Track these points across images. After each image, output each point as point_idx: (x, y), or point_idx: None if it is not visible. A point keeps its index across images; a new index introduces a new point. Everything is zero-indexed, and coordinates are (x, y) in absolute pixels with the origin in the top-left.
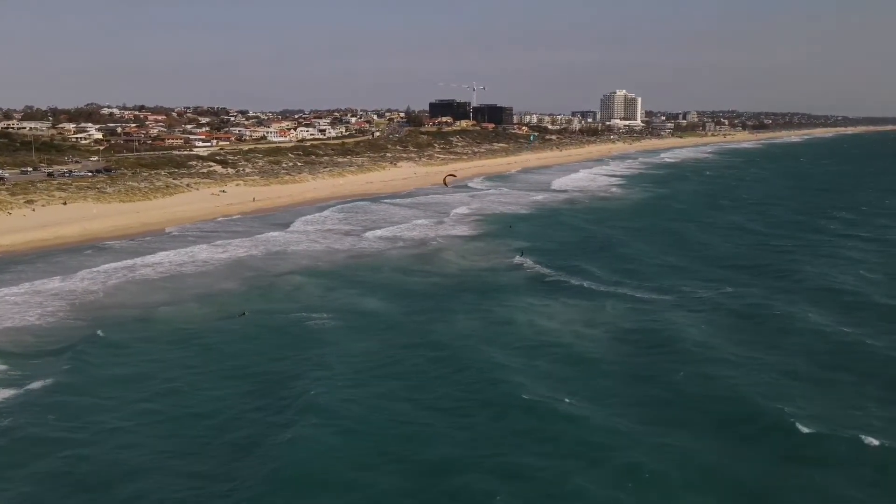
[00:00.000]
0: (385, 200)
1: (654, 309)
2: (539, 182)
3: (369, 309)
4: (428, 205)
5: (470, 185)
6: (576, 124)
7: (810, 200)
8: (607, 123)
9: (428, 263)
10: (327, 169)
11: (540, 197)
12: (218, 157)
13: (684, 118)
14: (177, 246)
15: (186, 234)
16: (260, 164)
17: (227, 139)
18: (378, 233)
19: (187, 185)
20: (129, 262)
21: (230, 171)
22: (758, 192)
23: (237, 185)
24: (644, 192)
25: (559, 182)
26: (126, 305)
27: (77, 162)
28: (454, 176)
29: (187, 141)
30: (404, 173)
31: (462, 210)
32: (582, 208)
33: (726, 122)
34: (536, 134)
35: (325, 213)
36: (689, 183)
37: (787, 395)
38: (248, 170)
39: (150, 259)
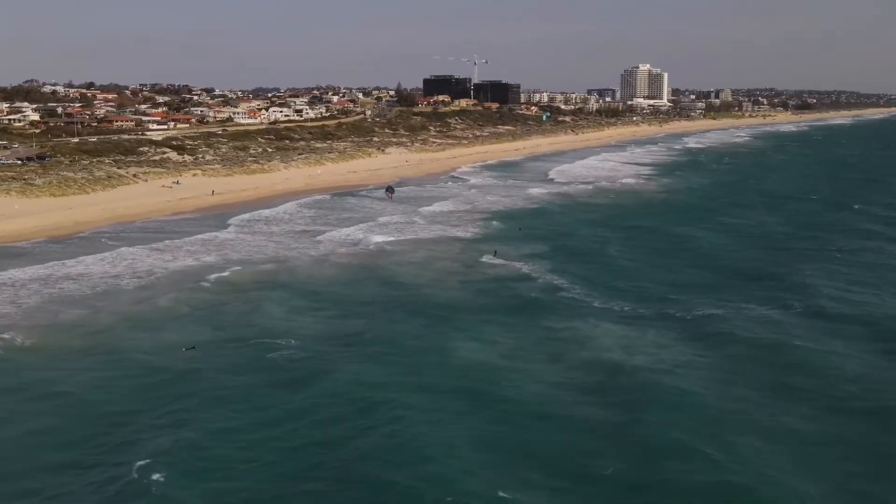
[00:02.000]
0: (367, 193)
1: (637, 341)
2: (553, 171)
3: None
4: (418, 199)
5: (467, 176)
6: (592, 104)
7: (858, 195)
8: (629, 103)
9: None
10: (303, 156)
11: (553, 189)
12: (174, 143)
13: (717, 97)
14: (113, 251)
15: (127, 235)
16: (223, 150)
17: (187, 121)
18: (345, 232)
19: (134, 175)
20: (47, 271)
21: (187, 158)
22: (803, 184)
23: (194, 175)
24: (675, 183)
25: (577, 171)
26: (25, 332)
27: (6, 148)
28: (391, 192)
29: (139, 123)
30: (394, 161)
31: (446, 206)
32: (605, 204)
33: (765, 102)
34: (549, 113)
35: (294, 208)
36: (721, 174)
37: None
38: (208, 157)
39: (75, 268)
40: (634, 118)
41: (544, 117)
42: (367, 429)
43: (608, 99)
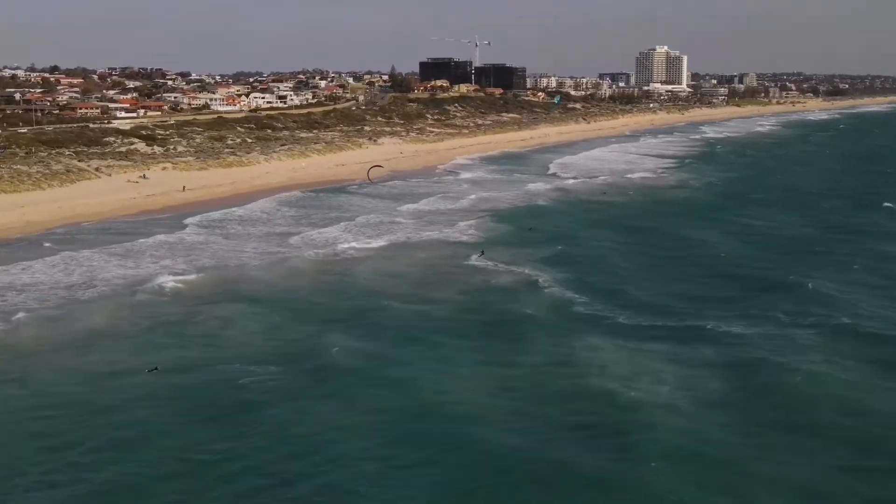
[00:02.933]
0: (356, 189)
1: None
2: (560, 165)
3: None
4: (413, 196)
5: (466, 169)
6: (605, 90)
7: (890, 192)
8: (645, 89)
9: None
10: (286, 147)
11: (560, 185)
12: (143, 132)
13: (740, 82)
14: (67, 256)
15: (85, 237)
16: (197, 140)
17: (159, 108)
18: (325, 234)
19: (97, 169)
20: None
21: (157, 150)
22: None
23: (164, 168)
24: (695, 178)
25: (588, 164)
26: None
27: None
28: (380, 167)
29: (106, 111)
30: (387, 152)
31: (440, 204)
32: (617, 203)
33: (793, 87)
34: (560, 97)
35: (273, 206)
36: (744, 167)
37: None
38: (180, 148)
39: (21, 277)
40: (651, 105)
41: (556, 101)
42: (300, 483)
43: (622, 84)
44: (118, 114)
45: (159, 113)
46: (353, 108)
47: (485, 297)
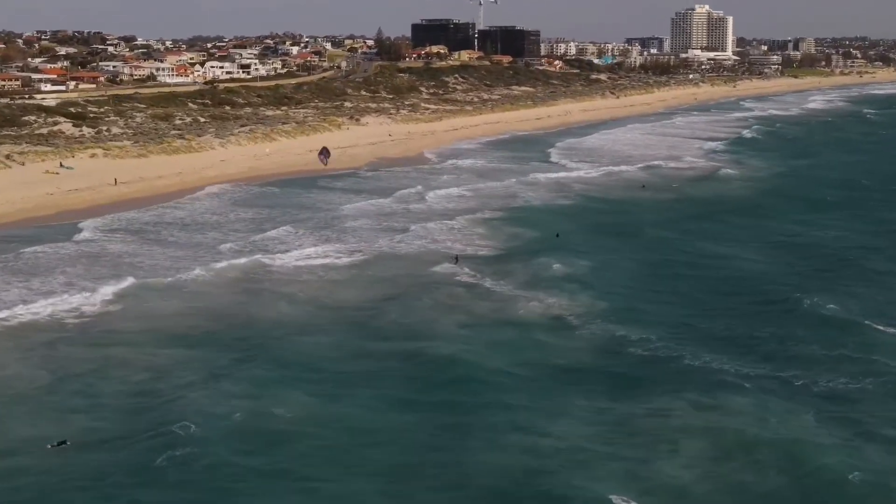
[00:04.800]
0: (329, 182)
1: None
2: (583, 150)
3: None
4: (396, 192)
5: (470, 156)
6: (635, 57)
7: None
8: (682, 56)
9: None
10: (247, 128)
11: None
12: (72, 110)
13: (796, 49)
14: None
15: None
16: (138, 119)
17: (94, 80)
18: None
19: (7, 156)
20: None
21: (87, 131)
22: None
23: (93, 155)
24: (763, 170)
25: (618, 150)
26: None
27: None
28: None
29: (28, 83)
30: (372, 134)
31: (439, 203)
32: (645, 206)
33: (858, 55)
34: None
35: (224, 206)
36: (820, 154)
37: None
38: (116, 129)
39: None
40: (691, 76)
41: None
42: None
43: (654, 51)
44: (42, 87)
45: (94, 86)
46: (332, 80)
47: (496, 340)
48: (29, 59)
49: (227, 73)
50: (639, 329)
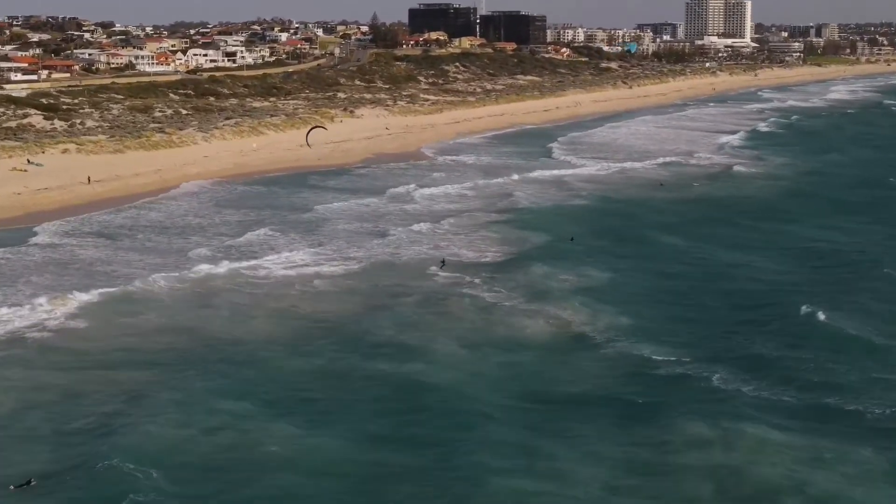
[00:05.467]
0: (320, 180)
1: None
2: (595, 144)
3: None
4: (391, 191)
5: (472, 151)
6: (647, 44)
7: None
8: (698, 43)
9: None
10: (232, 122)
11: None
12: (44, 101)
13: (818, 35)
14: None
15: None
16: (115, 111)
17: (69, 69)
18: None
19: None
20: None
21: (59, 125)
22: None
23: (65, 151)
24: (788, 167)
25: (634, 143)
26: None
27: None
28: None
29: None
30: (368, 128)
31: (439, 203)
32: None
33: (885, 42)
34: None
35: (206, 207)
36: (844, 149)
37: None
38: (90, 122)
39: None
40: (707, 64)
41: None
42: None
43: (667, 37)
44: (12, 76)
45: (68, 75)
46: (324, 69)
47: (510, 362)
48: None
49: (212, 61)
50: (659, 350)
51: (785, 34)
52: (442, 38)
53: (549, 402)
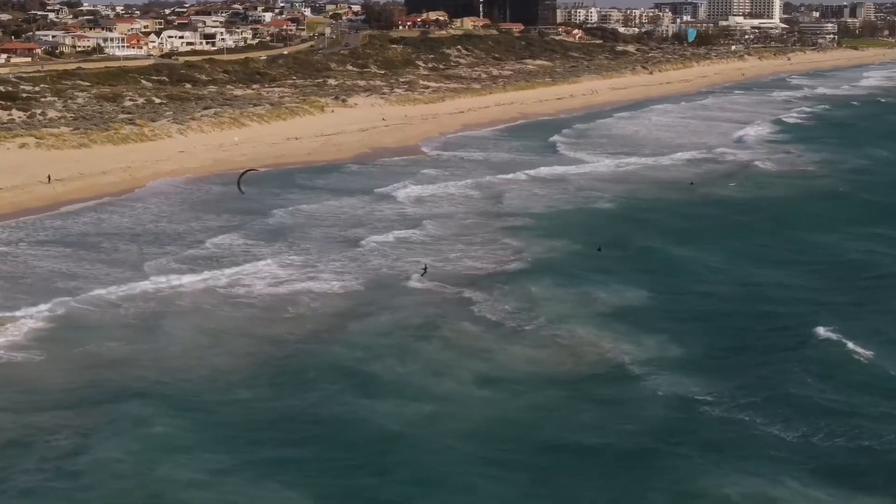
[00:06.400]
0: (309, 179)
1: None
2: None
3: None
4: (382, 191)
5: (473, 148)
6: (667, 25)
7: None
8: (722, 24)
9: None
10: (211, 112)
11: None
12: (1, 89)
13: (853, 15)
14: None
15: None
16: (80, 101)
17: (29, 52)
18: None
19: None
20: None
21: (18, 115)
22: None
23: (23, 145)
24: (831, 164)
25: (659, 135)
26: None
27: None
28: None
29: None
30: (362, 118)
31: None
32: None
33: None
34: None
35: (175, 210)
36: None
37: None
38: (52, 113)
39: None
40: (734, 47)
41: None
42: None
43: (688, 17)
44: None
45: (28, 59)
46: (312, 53)
47: (520, 403)
48: None
49: (188, 44)
50: (698, 387)
51: (816, 14)
52: (442, 18)
53: (568, 452)
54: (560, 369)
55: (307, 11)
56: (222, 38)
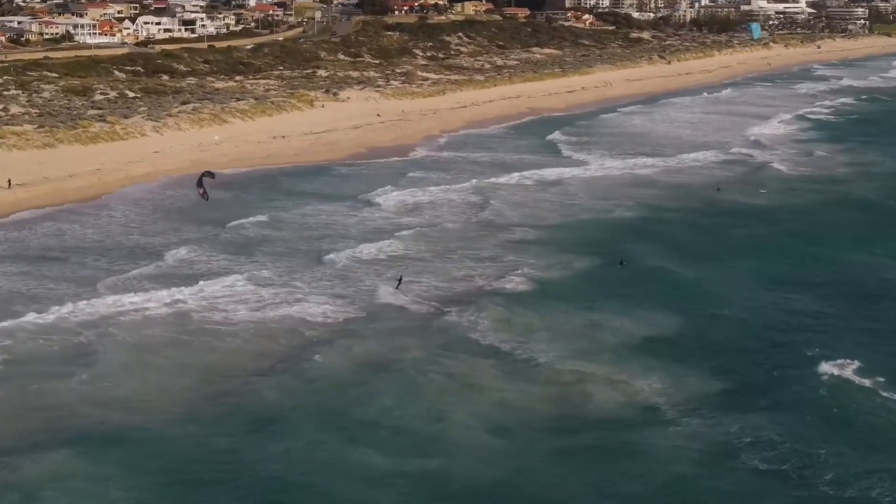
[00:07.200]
0: (295, 183)
1: None
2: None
3: None
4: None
5: (473, 147)
6: (684, 10)
7: None
8: (744, 8)
9: None
10: (190, 107)
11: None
12: None
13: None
14: None
15: None
16: (46, 95)
17: None
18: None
19: None
20: None
21: None
22: None
23: None
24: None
25: (680, 133)
26: None
27: None
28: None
29: None
30: (355, 114)
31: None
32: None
33: None
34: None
35: (152, 217)
36: None
37: None
38: (15, 108)
39: None
40: (753, 25)
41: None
42: None
43: (706, 1)
44: None
45: None
46: (301, 41)
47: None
48: None
49: (166, 31)
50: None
51: None
52: (441, 2)
53: None
54: (566, 413)
55: None
56: (203, 25)
